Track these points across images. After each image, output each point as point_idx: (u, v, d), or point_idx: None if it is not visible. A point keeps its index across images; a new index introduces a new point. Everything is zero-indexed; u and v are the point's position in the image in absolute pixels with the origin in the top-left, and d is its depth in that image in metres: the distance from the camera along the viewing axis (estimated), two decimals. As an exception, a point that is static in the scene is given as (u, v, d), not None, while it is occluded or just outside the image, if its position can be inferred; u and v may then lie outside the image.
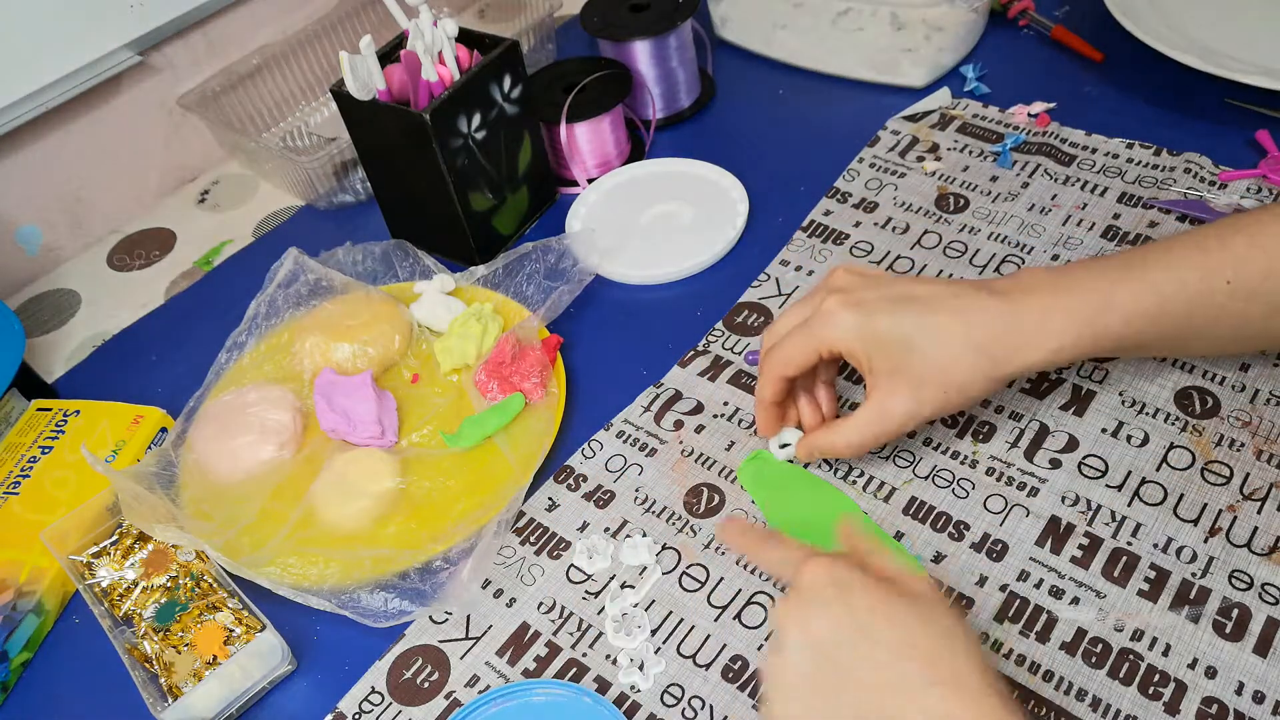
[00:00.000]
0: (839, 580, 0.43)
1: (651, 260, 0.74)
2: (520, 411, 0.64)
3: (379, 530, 0.60)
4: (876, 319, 0.51)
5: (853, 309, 0.52)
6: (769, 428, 0.58)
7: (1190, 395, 0.59)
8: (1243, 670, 0.48)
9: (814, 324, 0.53)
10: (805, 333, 0.53)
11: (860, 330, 0.52)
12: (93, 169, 0.86)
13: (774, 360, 0.55)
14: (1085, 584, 0.52)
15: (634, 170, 0.82)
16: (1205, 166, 0.72)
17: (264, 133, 0.92)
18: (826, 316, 0.52)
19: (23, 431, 0.68)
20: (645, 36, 0.82)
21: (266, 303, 0.72)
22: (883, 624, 0.41)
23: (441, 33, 0.68)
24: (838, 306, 0.52)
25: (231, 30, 0.91)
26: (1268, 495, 0.54)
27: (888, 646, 0.41)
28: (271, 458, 0.63)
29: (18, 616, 0.58)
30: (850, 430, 0.54)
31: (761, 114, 0.86)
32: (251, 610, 0.56)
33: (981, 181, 0.76)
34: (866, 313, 0.52)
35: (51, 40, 0.79)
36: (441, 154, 0.69)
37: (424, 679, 0.54)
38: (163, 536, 0.57)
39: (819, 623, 0.42)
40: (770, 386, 0.56)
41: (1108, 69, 0.83)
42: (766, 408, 0.57)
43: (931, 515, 0.56)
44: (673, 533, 0.58)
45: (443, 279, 0.72)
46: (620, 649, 0.53)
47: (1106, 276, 0.51)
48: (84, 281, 0.86)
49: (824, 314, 0.53)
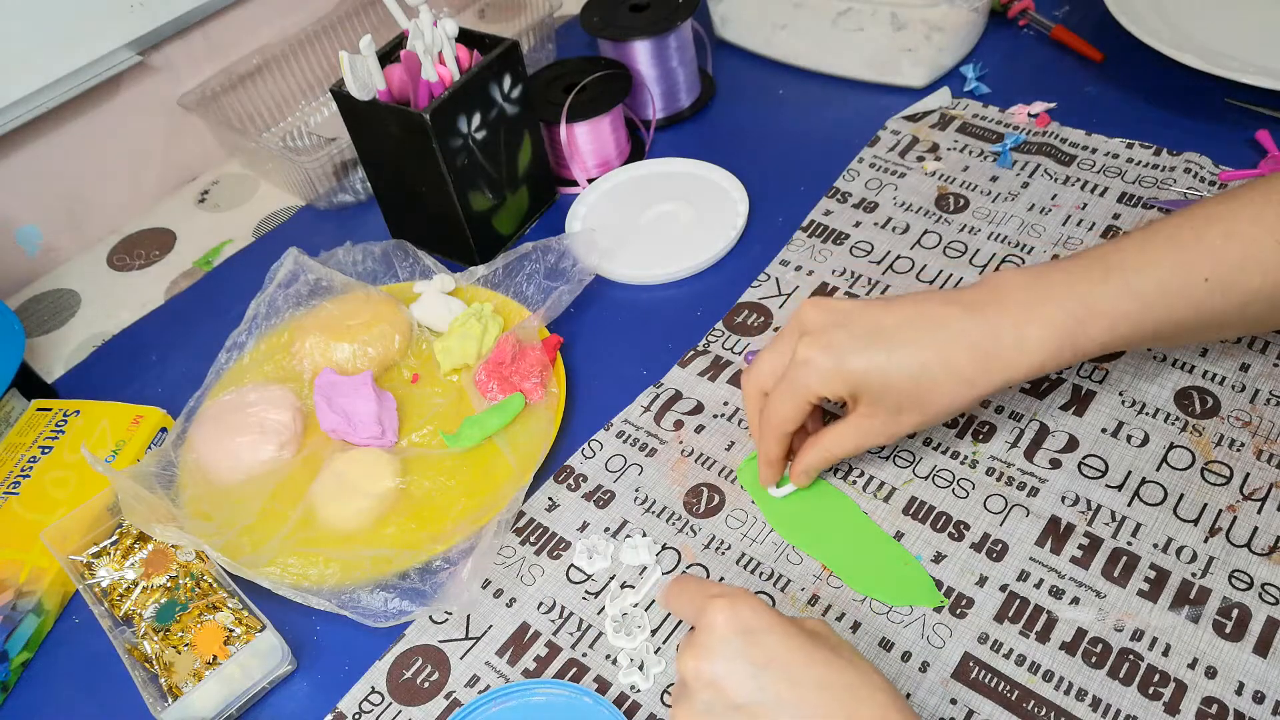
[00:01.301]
0: (746, 627, 0.42)
1: (651, 260, 0.74)
2: (520, 411, 0.64)
3: (379, 530, 0.60)
4: (849, 360, 0.51)
5: (824, 352, 0.51)
6: (774, 478, 0.58)
7: (1190, 395, 0.59)
8: (1243, 670, 0.48)
9: (793, 376, 0.53)
10: (788, 388, 0.53)
11: (836, 372, 0.51)
12: (93, 169, 0.86)
13: (773, 421, 0.54)
14: (1085, 584, 0.52)
15: (634, 170, 0.82)
16: (1205, 166, 0.72)
17: (264, 133, 0.92)
18: (802, 366, 0.52)
19: (23, 431, 0.68)
20: (645, 36, 0.82)
21: (266, 303, 0.72)
22: (800, 667, 0.41)
23: (441, 33, 0.68)
24: (811, 353, 0.52)
25: (231, 30, 0.91)
26: (1268, 495, 0.54)
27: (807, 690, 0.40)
28: (271, 458, 0.63)
29: (18, 616, 0.58)
30: (834, 446, 0.54)
31: (761, 114, 0.86)
32: (251, 610, 0.56)
33: (981, 181, 0.76)
34: (838, 355, 0.51)
35: (51, 40, 0.79)
36: (441, 154, 0.69)
37: (424, 679, 0.54)
38: (163, 536, 0.57)
39: (733, 679, 0.41)
40: (776, 448, 0.56)
41: (1108, 69, 0.83)
42: (775, 465, 0.57)
43: (931, 515, 0.56)
44: (673, 533, 0.58)
45: (443, 279, 0.72)
46: (620, 649, 0.53)
47: (1084, 280, 0.50)
48: (84, 281, 0.86)
49: (799, 363, 0.52)
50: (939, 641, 0.51)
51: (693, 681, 0.42)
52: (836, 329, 0.52)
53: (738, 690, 0.41)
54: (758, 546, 0.57)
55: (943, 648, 0.51)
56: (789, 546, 0.56)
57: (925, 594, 0.53)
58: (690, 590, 0.46)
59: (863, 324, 0.52)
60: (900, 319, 0.51)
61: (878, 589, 0.54)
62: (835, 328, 0.52)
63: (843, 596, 0.54)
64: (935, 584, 0.53)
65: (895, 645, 0.51)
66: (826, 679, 0.41)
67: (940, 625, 0.52)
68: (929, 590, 0.53)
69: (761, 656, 0.41)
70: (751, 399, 0.56)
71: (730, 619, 0.42)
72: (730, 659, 0.41)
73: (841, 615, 0.53)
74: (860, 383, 0.51)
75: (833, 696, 0.40)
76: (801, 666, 0.41)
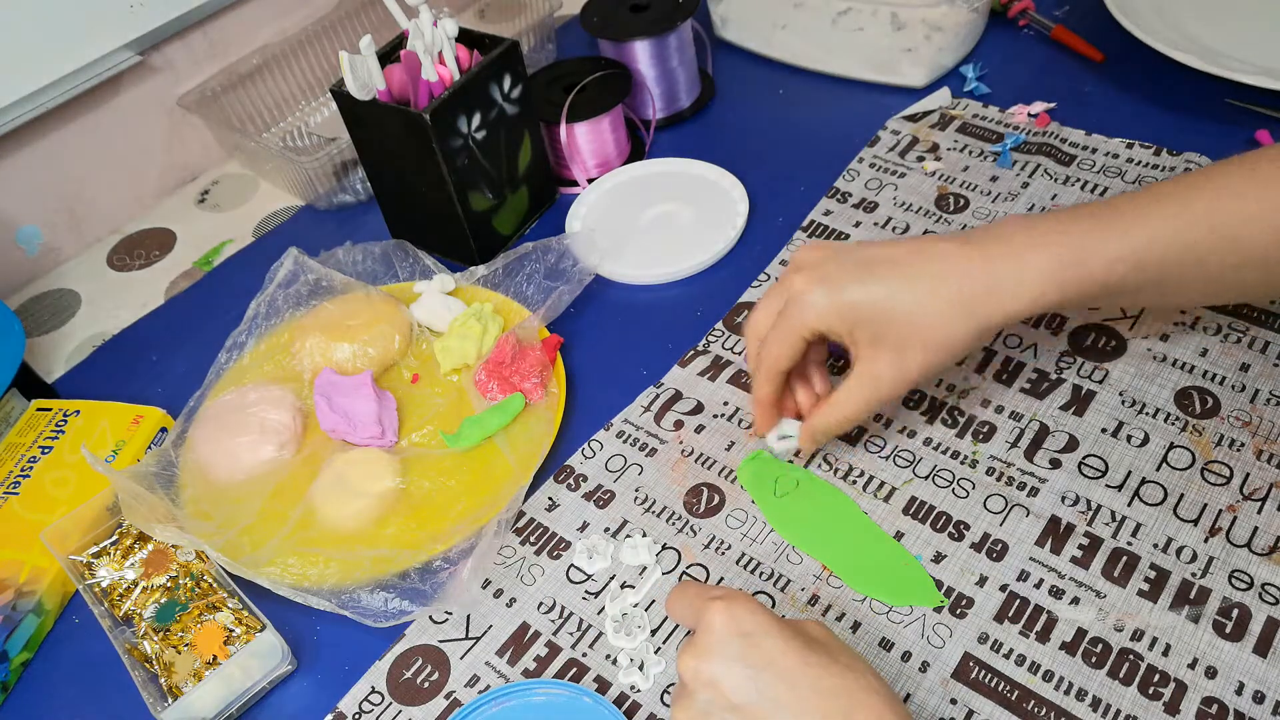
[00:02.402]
0: (744, 630, 0.42)
1: (651, 260, 0.74)
2: (520, 411, 0.64)
3: (379, 530, 0.60)
4: (846, 291, 0.50)
5: (820, 284, 0.51)
6: (767, 425, 0.58)
7: (1190, 395, 0.59)
8: (1243, 670, 0.48)
9: (789, 311, 0.52)
10: (783, 324, 0.52)
11: (832, 305, 0.50)
12: (93, 169, 0.87)
13: (765, 360, 0.54)
14: (1085, 584, 0.52)
15: (634, 170, 0.82)
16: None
17: (264, 133, 0.92)
18: (797, 299, 0.51)
19: (23, 431, 0.68)
20: (645, 36, 0.82)
21: (266, 303, 0.72)
22: (797, 670, 0.41)
23: (441, 33, 0.68)
24: (805, 285, 0.51)
25: (231, 30, 0.91)
26: (1268, 495, 0.54)
27: (804, 692, 0.40)
28: (271, 458, 0.63)
29: (18, 616, 0.58)
30: (845, 404, 0.53)
31: (761, 114, 0.86)
32: (251, 610, 0.56)
33: (981, 181, 0.76)
34: (835, 286, 0.50)
35: (51, 40, 0.79)
36: (441, 154, 0.69)
37: (424, 679, 0.54)
38: (163, 536, 0.57)
39: (731, 680, 0.41)
40: (767, 385, 0.55)
41: (1108, 69, 0.83)
42: (765, 407, 0.57)
43: (931, 515, 0.56)
44: (673, 533, 0.58)
45: (443, 279, 0.72)
46: (620, 649, 0.53)
47: (1084, 222, 0.50)
48: (84, 281, 0.86)
49: (794, 298, 0.51)
50: (939, 641, 0.51)
51: (692, 682, 0.42)
52: (830, 262, 0.51)
53: (736, 691, 0.41)
54: (758, 546, 0.57)
55: (943, 648, 0.51)
56: (789, 546, 0.56)
57: (925, 594, 0.53)
58: (690, 595, 0.46)
59: (858, 257, 0.51)
60: (897, 252, 0.51)
61: (878, 589, 0.54)
62: (829, 261, 0.51)
63: (843, 596, 0.54)
64: (935, 584, 0.53)
65: (895, 645, 0.51)
66: (824, 682, 0.41)
67: (940, 625, 0.52)
68: (929, 590, 0.53)
69: (760, 658, 0.41)
70: (751, 345, 0.56)
71: (729, 621, 0.42)
72: (729, 660, 0.41)
73: (841, 615, 0.53)
74: (857, 316, 0.50)
75: (830, 699, 0.40)
76: (799, 669, 0.41)
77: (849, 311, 0.50)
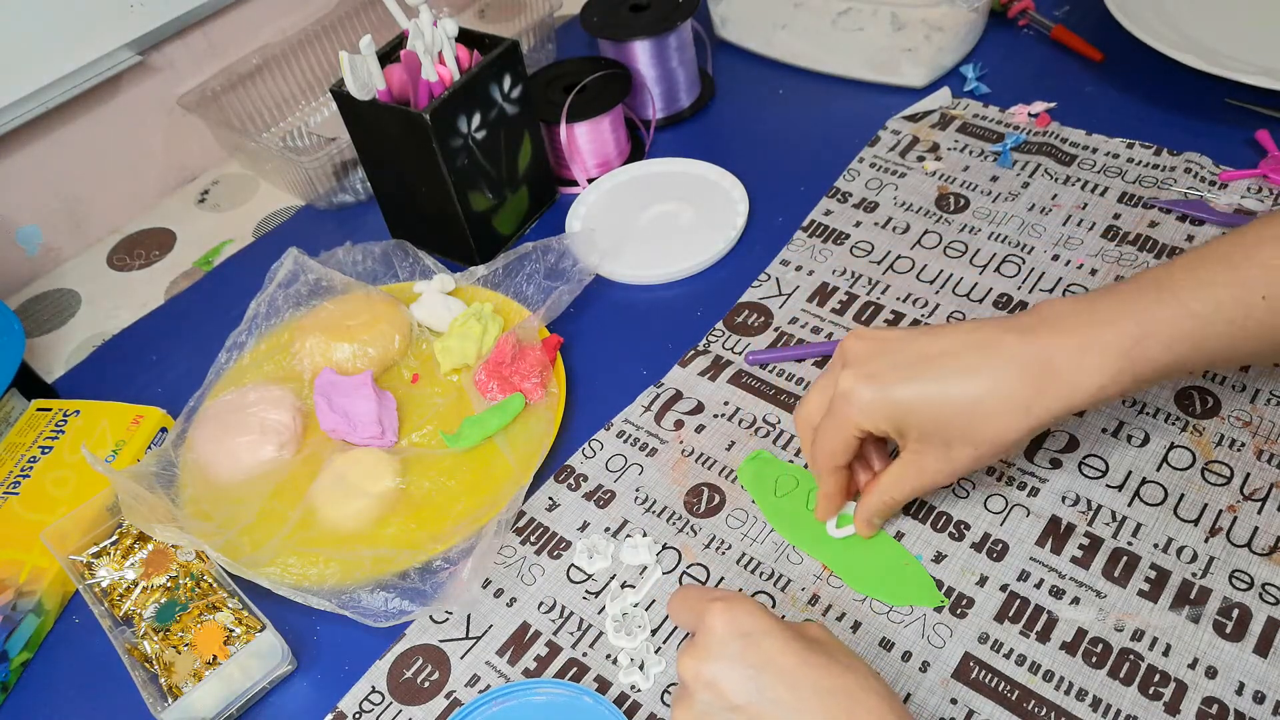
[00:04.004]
0: (744, 630, 0.42)
1: (651, 260, 0.74)
2: (520, 411, 0.64)
3: (379, 530, 0.60)
4: (893, 391, 0.48)
5: (866, 383, 0.49)
6: (830, 512, 0.56)
7: (1190, 395, 0.59)
8: (1243, 670, 0.48)
9: (836, 409, 0.50)
10: (831, 421, 0.51)
11: (878, 405, 0.49)
12: (93, 169, 0.87)
13: (822, 457, 0.52)
14: (1085, 584, 0.52)
15: (634, 170, 0.82)
16: (1205, 166, 0.72)
17: (264, 133, 0.92)
18: (844, 398, 0.50)
19: (23, 431, 0.68)
20: (645, 36, 0.82)
21: (266, 303, 0.72)
22: (797, 671, 0.41)
23: (441, 33, 0.68)
24: (853, 385, 0.49)
25: (231, 30, 0.91)
26: (1268, 495, 0.54)
27: (804, 693, 0.40)
28: (271, 458, 0.63)
29: (18, 616, 0.58)
30: (891, 488, 0.52)
31: (761, 114, 0.86)
32: (251, 610, 0.56)
33: (982, 181, 0.76)
34: (881, 386, 0.48)
35: (51, 40, 0.79)
36: (441, 154, 0.69)
37: (424, 679, 0.54)
38: (163, 536, 0.57)
39: (731, 681, 0.41)
40: (828, 483, 0.54)
41: (1108, 69, 0.83)
42: (830, 499, 0.55)
43: (932, 515, 0.56)
44: (673, 532, 0.58)
45: (443, 279, 0.72)
46: (620, 649, 0.53)
47: (1138, 301, 0.47)
48: (84, 281, 0.86)
49: (841, 394, 0.50)
50: (939, 641, 0.51)
51: (692, 682, 0.42)
52: (879, 358, 0.49)
53: (736, 692, 0.41)
54: (758, 546, 0.57)
55: (943, 648, 0.51)
56: (789, 546, 0.56)
57: (925, 594, 0.53)
58: (691, 597, 0.46)
59: (907, 352, 0.49)
60: (946, 345, 0.48)
61: (878, 589, 0.54)
62: (878, 357, 0.49)
63: (843, 596, 0.54)
64: (935, 584, 0.53)
65: (895, 645, 0.51)
66: (824, 682, 0.41)
67: (940, 625, 0.52)
68: (929, 590, 0.53)
69: (759, 659, 0.41)
70: (804, 434, 0.54)
71: (729, 622, 0.42)
72: (729, 661, 0.42)
73: (842, 615, 0.53)
74: (904, 415, 0.49)
75: (830, 699, 0.40)
76: (799, 669, 0.41)
77: (896, 411, 0.49)
